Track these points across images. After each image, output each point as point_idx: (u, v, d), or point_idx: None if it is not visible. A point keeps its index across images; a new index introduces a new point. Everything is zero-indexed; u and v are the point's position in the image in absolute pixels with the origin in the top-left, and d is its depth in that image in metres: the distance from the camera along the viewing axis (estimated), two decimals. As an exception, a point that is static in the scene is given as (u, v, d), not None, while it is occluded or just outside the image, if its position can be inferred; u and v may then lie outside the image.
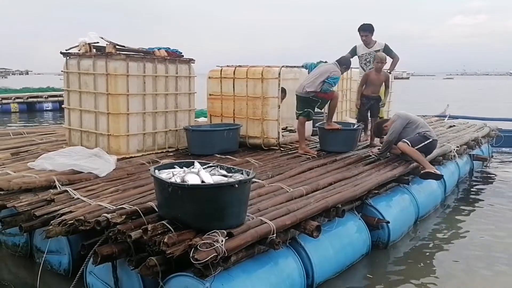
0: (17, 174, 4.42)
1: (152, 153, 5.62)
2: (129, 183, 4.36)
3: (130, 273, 3.27)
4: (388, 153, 5.66)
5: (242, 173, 3.28)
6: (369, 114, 6.55)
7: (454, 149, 6.50)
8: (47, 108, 19.49)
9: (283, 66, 6.07)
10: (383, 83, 6.36)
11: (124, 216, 3.17)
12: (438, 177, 5.41)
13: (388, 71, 6.48)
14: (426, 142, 5.43)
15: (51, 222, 3.40)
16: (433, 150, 5.69)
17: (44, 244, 3.94)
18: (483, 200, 6.44)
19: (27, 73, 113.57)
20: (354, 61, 6.60)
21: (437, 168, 6.05)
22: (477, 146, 7.84)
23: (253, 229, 3.09)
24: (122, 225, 3.10)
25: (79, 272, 3.35)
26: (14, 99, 18.86)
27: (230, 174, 3.31)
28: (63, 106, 6.06)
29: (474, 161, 7.87)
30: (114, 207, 3.48)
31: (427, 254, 4.60)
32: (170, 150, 5.88)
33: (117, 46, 5.22)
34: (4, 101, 18.48)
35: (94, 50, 5.41)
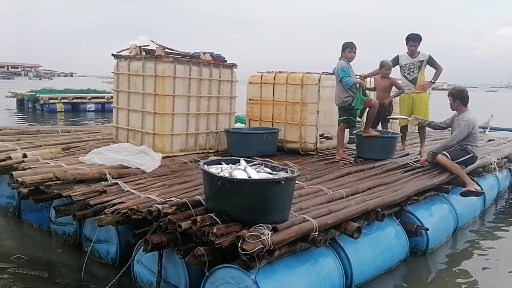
0: (70, 166, 4.69)
1: (194, 153, 5.82)
2: (174, 179, 4.56)
3: (176, 262, 3.44)
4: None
5: (286, 171, 3.40)
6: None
7: (494, 162, 6.40)
8: (90, 109, 20.33)
9: (323, 73, 6.17)
10: (392, 87, 6.53)
11: (174, 207, 3.34)
12: (479, 194, 5.34)
13: (432, 81, 6.47)
14: (466, 157, 5.39)
15: (105, 211, 3.61)
16: (472, 163, 5.64)
17: (93, 234, 4.18)
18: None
19: (71, 75, 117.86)
20: (396, 70, 6.64)
21: (477, 180, 5.99)
22: (517, 161, 7.65)
23: (297, 226, 3.20)
24: (173, 215, 3.27)
25: (131, 260, 3.54)
26: (60, 99, 19.75)
27: (274, 172, 3.44)
28: (112, 105, 6.36)
29: (514, 176, 7.69)
30: (163, 200, 3.67)
31: (464, 265, 4.55)
32: (210, 151, 6.07)
33: (166, 49, 5.46)
34: (50, 101, 19.39)
35: (144, 52, 5.68)
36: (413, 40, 6.30)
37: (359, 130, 6.28)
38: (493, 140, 8.87)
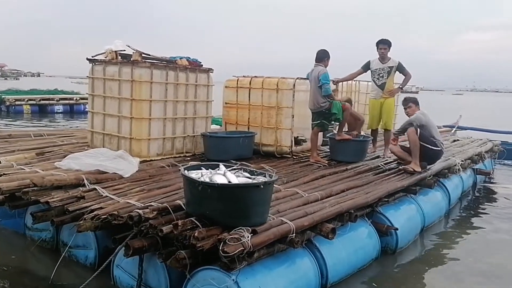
0: (46, 172, 4.67)
1: (171, 157, 5.87)
2: (152, 183, 4.62)
3: (157, 266, 3.51)
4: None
5: (265, 176, 3.53)
6: None
7: (459, 163, 6.74)
8: (58, 111, 19.88)
9: (297, 78, 6.34)
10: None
11: (155, 212, 3.41)
12: (413, 173, 5.68)
13: (401, 87, 6.73)
14: (433, 148, 5.74)
15: (84, 216, 3.64)
16: (437, 160, 5.96)
17: (70, 239, 4.18)
18: (484, 214, 6.64)
19: (38, 75, 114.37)
20: (367, 75, 6.90)
21: (442, 181, 6.31)
22: (480, 161, 8.07)
23: (275, 228, 3.33)
24: (154, 220, 3.34)
25: (107, 262, 3.57)
26: (27, 100, 19.24)
27: (253, 176, 3.56)
28: (87, 109, 6.34)
29: (477, 175, 8.10)
30: (143, 205, 3.73)
31: (431, 263, 4.77)
32: (187, 154, 6.14)
33: (142, 55, 5.50)
34: (17, 102, 18.87)
35: (120, 57, 5.69)
36: (384, 43, 6.54)
37: (333, 134, 6.50)
38: (458, 140, 9.30)
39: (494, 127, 11.99)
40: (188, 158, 6.01)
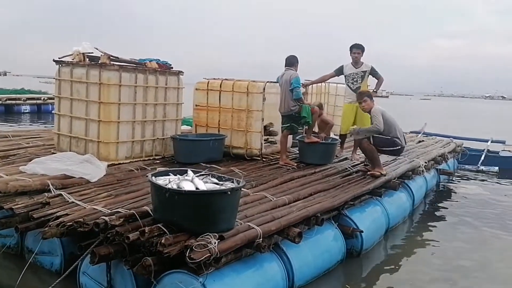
0: (10, 177, 4.56)
1: (140, 160, 5.84)
2: (120, 188, 4.58)
3: (124, 273, 3.50)
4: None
5: (232, 182, 3.57)
6: None
7: (422, 165, 6.97)
8: (25, 111, 19.34)
9: (267, 82, 6.41)
10: None
11: (122, 219, 3.40)
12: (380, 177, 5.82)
13: (374, 90, 6.87)
14: (392, 148, 5.90)
15: (49, 223, 3.59)
16: (399, 154, 6.24)
17: (36, 245, 4.11)
18: (446, 213, 6.90)
19: (5, 74, 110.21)
20: (341, 79, 7.03)
21: (407, 182, 6.51)
22: (443, 161, 8.37)
23: (242, 233, 3.39)
24: (120, 227, 3.33)
25: (71, 268, 3.53)
26: (-8, 100, 18.67)
27: (221, 182, 3.60)
28: (53, 111, 6.21)
29: (440, 175, 8.39)
30: (109, 211, 3.71)
31: (396, 264, 4.94)
32: (156, 157, 6.11)
33: (111, 57, 5.44)
34: (-18, 102, 18.30)
35: (88, 59, 5.61)
36: (357, 47, 6.68)
37: (302, 136, 6.60)
38: (423, 141, 9.61)
39: (458, 133, 12.47)
40: (158, 161, 5.99)
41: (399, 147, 5.93)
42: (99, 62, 5.48)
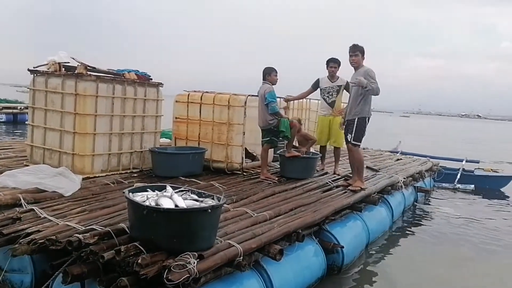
0: (-21, 191, 4.35)
1: (116, 173, 5.68)
2: (95, 203, 4.43)
3: (98, 293, 3.34)
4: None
5: (213, 198, 3.48)
6: None
7: (401, 180, 7.02)
8: (1, 120, 18.77)
9: (249, 95, 6.36)
10: None
11: (96, 237, 3.26)
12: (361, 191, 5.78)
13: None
14: (365, 129, 5.80)
15: (20, 240, 3.41)
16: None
17: (5, 263, 3.90)
18: (424, 230, 6.95)
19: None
20: (316, 94, 7.04)
21: (386, 197, 6.54)
22: (421, 179, 8.47)
23: (222, 252, 3.29)
24: (95, 245, 3.18)
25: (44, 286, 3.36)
26: (-33, 110, 18.10)
27: (201, 199, 3.49)
28: (26, 122, 6.00)
29: (418, 192, 8.48)
30: (83, 228, 3.56)
31: (376, 278, 4.92)
32: (134, 171, 5.96)
33: (88, 67, 5.30)
34: (-44, 111, 17.72)
35: (63, 69, 5.46)
36: (334, 62, 6.70)
37: (283, 151, 6.56)
38: (401, 159, 9.74)
39: (434, 152, 12.77)
40: (135, 175, 5.84)
41: (367, 123, 5.81)
42: (76, 72, 5.33)
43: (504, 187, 10.79)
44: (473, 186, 10.42)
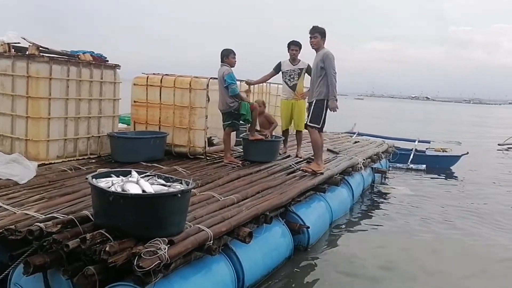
0: None
1: (73, 160, 5.45)
2: (53, 190, 4.22)
3: (62, 283, 3.19)
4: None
5: (181, 183, 3.40)
6: None
7: (361, 162, 7.21)
8: None
9: (211, 78, 6.24)
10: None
11: (59, 226, 3.10)
12: (319, 174, 5.77)
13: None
14: (324, 112, 5.78)
15: (-27, 232, 3.19)
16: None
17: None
18: (381, 208, 7.20)
19: None
20: (277, 78, 7.02)
21: (347, 178, 6.69)
22: (378, 160, 8.73)
23: (193, 237, 3.23)
24: (58, 234, 3.04)
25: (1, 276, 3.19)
26: None
27: (169, 184, 3.41)
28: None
29: (375, 174, 8.75)
30: (43, 216, 3.38)
31: (339, 255, 5.03)
32: (92, 156, 5.74)
33: (40, 48, 4.99)
34: None
35: (13, 50, 5.11)
36: (295, 44, 6.68)
37: (246, 134, 6.52)
38: (358, 142, 10.00)
39: (389, 133, 13.24)
40: (93, 161, 5.62)
41: (326, 108, 5.76)
42: (27, 53, 5.00)
43: (453, 166, 11.36)
44: (425, 166, 10.89)
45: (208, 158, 6.30)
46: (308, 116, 5.91)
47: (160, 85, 6.40)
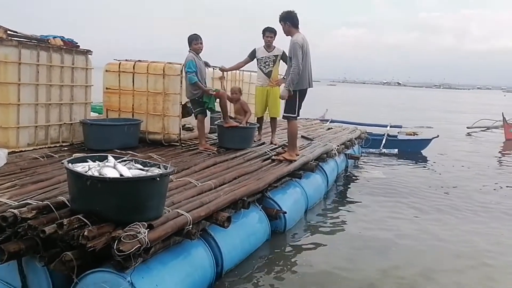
0: None
1: (45, 147, 5.32)
2: (25, 178, 4.12)
3: (36, 270, 3.14)
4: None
5: (159, 167, 3.38)
6: None
7: (335, 148, 7.33)
8: None
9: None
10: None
11: (35, 211, 3.03)
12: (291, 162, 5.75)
13: (284, 77, 6.88)
14: (297, 104, 5.75)
15: None
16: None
17: None
18: (354, 193, 7.34)
19: None
20: (249, 65, 7.01)
21: (321, 165, 6.78)
22: (351, 146, 8.89)
23: (172, 221, 3.23)
24: (34, 220, 2.97)
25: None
26: None
27: (146, 168, 3.38)
28: None
29: (348, 159, 8.92)
30: (16, 203, 3.29)
31: (314, 239, 5.12)
32: (64, 144, 5.62)
33: (8, 32, 4.80)
34: None
35: (-21, 33, 4.90)
36: (270, 31, 6.67)
37: (220, 121, 6.50)
38: (332, 128, 10.14)
39: (361, 119, 13.46)
40: (66, 148, 5.50)
41: (301, 99, 5.71)
42: (-6, 37, 4.81)
43: (424, 149, 11.68)
44: (396, 150, 11.14)
45: (183, 145, 6.26)
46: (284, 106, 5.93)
47: (133, 71, 6.30)
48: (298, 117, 5.99)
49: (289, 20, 5.66)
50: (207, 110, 6.16)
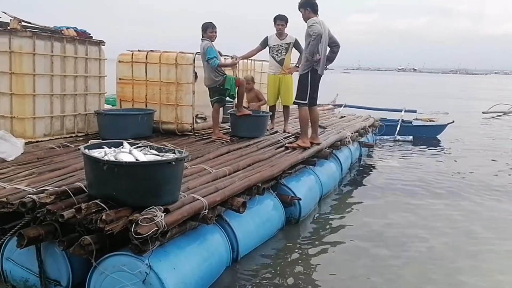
0: None
1: (61, 138, 5.38)
2: (42, 166, 4.17)
3: (55, 255, 3.19)
4: None
5: (174, 152, 3.39)
6: None
7: (349, 135, 7.27)
8: None
9: (197, 53, 6.17)
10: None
11: (53, 196, 3.07)
12: (305, 149, 5.70)
13: (297, 65, 6.83)
14: (309, 89, 5.67)
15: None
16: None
17: None
18: (369, 181, 7.26)
19: None
20: (260, 54, 6.98)
21: (335, 152, 6.73)
22: (365, 134, 8.82)
23: (188, 205, 3.24)
24: (52, 205, 3.01)
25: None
26: None
27: (161, 154, 3.40)
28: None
29: (362, 147, 8.84)
30: (35, 190, 3.34)
31: (329, 228, 5.10)
32: (79, 134, 5.67)
33: (22, 23, 4.85)
34: None
35: (-6, 25, 4.96)
36: (281, 19, 6.62)
37: (233, 110, 6.49)
38: (345, 116, 10.07)
39: (376, 105, 13.28)
40: (81, 138, 5.56)
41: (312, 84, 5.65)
42: (9, 28, 4.85)
43: (439, 135, 11.51)
44: (411, 137, 10.97)
45: (196, 134, 6.27)
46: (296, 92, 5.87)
47: (145, 61, 6.31)
48: (314, 105, 5.93)
49: (309, 6, 5.62)
50: (226, 99, 6.14)
